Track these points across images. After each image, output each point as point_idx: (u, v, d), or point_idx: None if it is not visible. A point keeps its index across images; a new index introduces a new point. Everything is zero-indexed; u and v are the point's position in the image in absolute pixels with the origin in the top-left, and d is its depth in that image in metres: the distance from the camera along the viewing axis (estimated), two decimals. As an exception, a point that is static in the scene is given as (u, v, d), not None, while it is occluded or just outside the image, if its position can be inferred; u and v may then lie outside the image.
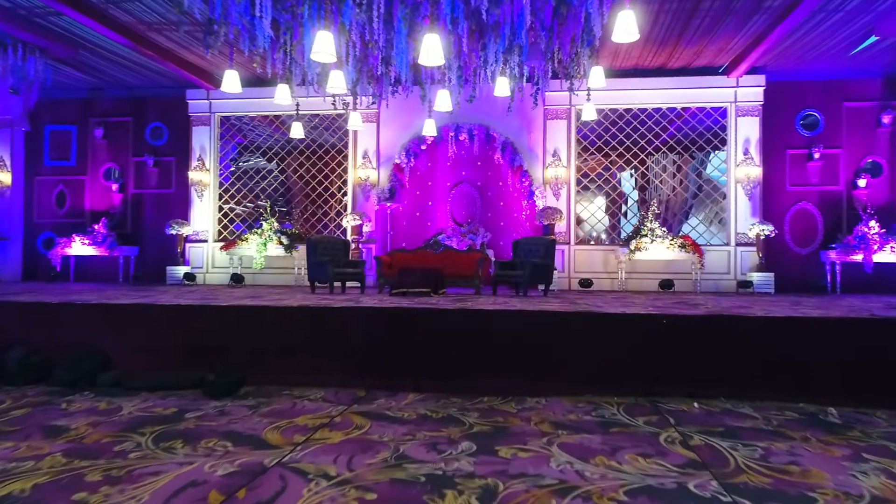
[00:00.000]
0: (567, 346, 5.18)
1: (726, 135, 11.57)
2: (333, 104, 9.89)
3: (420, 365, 5.25)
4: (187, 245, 12.51)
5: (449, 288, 8.60)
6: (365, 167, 12.15)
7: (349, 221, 11.58)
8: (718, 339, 5.14)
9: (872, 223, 10.66)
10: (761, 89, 11.33)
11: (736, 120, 11.44)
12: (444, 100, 8.34)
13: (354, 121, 9.69)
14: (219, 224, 12.74)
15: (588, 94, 9.58)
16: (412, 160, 12.13)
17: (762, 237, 10.74)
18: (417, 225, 12.30)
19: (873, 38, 9.35)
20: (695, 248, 10.65)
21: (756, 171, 11.26)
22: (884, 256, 10.50)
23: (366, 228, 11.88)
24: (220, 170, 12.84)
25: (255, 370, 5.39)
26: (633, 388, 4.96)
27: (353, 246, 11.57)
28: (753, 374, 4.99)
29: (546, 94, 11.60)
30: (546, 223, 10.77)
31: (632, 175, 13.67)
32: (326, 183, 12.70)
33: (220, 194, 12.81)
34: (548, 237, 9.51)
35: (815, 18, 9.25)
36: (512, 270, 8.66)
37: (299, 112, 10.72)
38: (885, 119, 11.24)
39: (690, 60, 11.03)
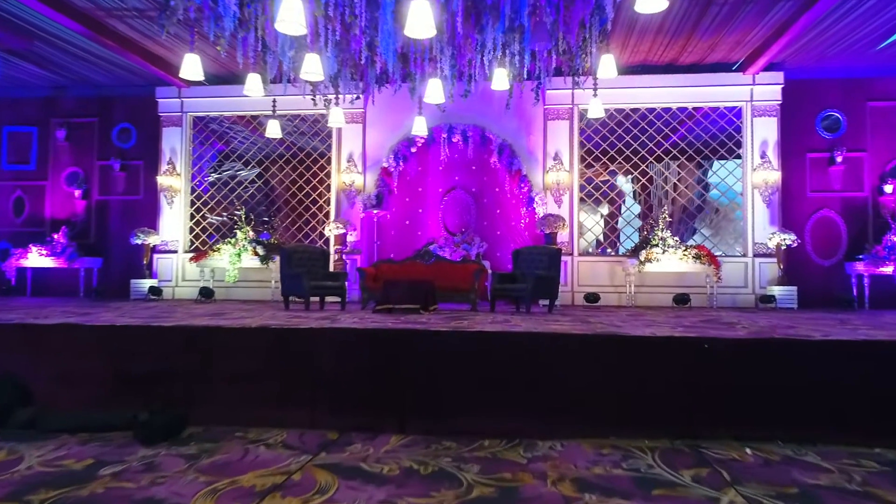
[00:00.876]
0: (586, 376, 4.19)
1: (741, 136, 10.69)
2: (313, 99, 8.93)
3: (406, 400, 4.25)
4: (155, 256, 11.46)
5: (441, 303, 7.61)
6: (350, 171, 11.17)
7: (332, 230, 10.58)
8: (773, 368, 4.16)
9: (902, 232, 9.78)
10: (779, 87, 10.47)
11: (752, 121, 10.56)
12: (435, 91, 7.38)
13: (336, 117, 8.72)
14: (190, 233, 11.70)
15: (595, 88, 8.69)
16: (401, 164, 11.16)
17: (783, 247, 9.81)
18: (406, 234, 11.32)
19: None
20: (711, 259, 9.71)
21: (774, 176, 10.37)
22: (914, 268, 9.61)
23: (350, 238, 10.88)
24: (193, 174, 11.82)
25: (203, 406, 4.38)
26: (668, 429, 3.98)
27: (335, 257, 10.56)
28: (817, 412, 4.02)
29: (547, 92, 10.73)
30: (548, 232, 9.81)
31: (638, 181, 12.70)
32: (308, 189, 11.70)
33: (191, 201, 11.78)
34: (552, 247, 8.55)
35: (844, 6, 8.40)
36: (512, 284, 7.68)
37: (276, 111, 9.75)
38: (912, 120, 10.39)
39: (704, 55, 10.16)
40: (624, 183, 12.89)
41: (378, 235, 11.13)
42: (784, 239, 9.72)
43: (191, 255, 11.10)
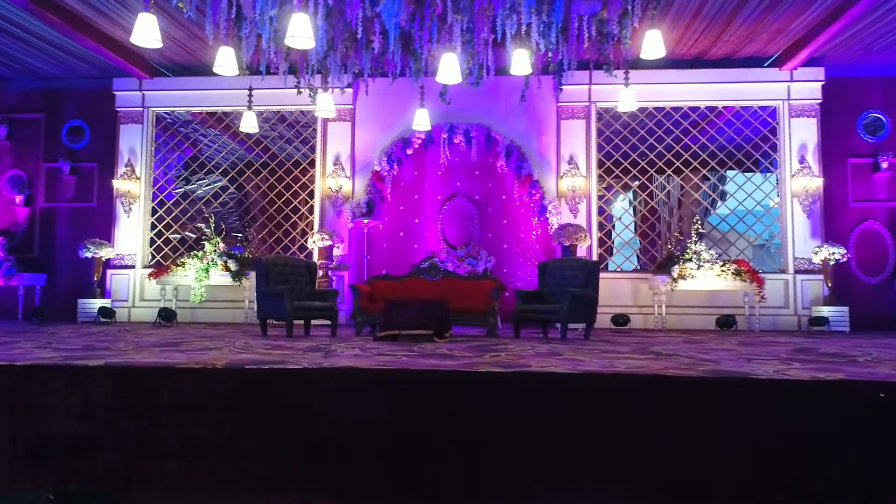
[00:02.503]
0: (711, 442, 2.85)
1: (777, 139, 9.58)
2: (297, 85, 7.57)
3: (442, 478, 2.89)
4: (108, 272, 9.88)
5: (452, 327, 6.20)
6: (336, 175, 9.78)
7: (316, 242, 9.15)
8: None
9: (960, 246, 8.71)
10: (819, 85, 9.40)
11: (789, 122, 9.46)
12: (449, 69, 6.04)
13: (324, 105, 7.34)
14: (151, 246, 10.15)
15: (626, 77, 7.47)
16: (395, 167, 9.81)
17: (831, 263, 8.66)
18: (400, 247, 9.93)
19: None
20: (753, 276, 8.50)
21: (816, 184, 9.25)
22: (978, 286, 8.52)
23: (336, 251, 9.46)
24: (155, 178, 10.31)
25: (144, 490, 2.99)
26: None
27: (320, 273, 9.11)
28: None
29: (559, 87, 9.50)
30: (567, 244, 8.51)
31: (663, 188, 11.49)
32: (288, 195, 10.26)
33: (153, 209, 10.25)
34: (587, 260, 7.24)
35: None
36: (540, 304, 6.35)
37: (253, 105, 8.34)
38: (963, 122, 9.40)
39: (738, 47, 9.06)
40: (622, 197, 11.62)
41: (368, 249, 9.73)
42: (833, 253, 8.57)
43: (150, 270, 9.54)
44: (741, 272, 8.53)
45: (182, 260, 9.20)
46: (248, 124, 8.03)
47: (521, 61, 6.75)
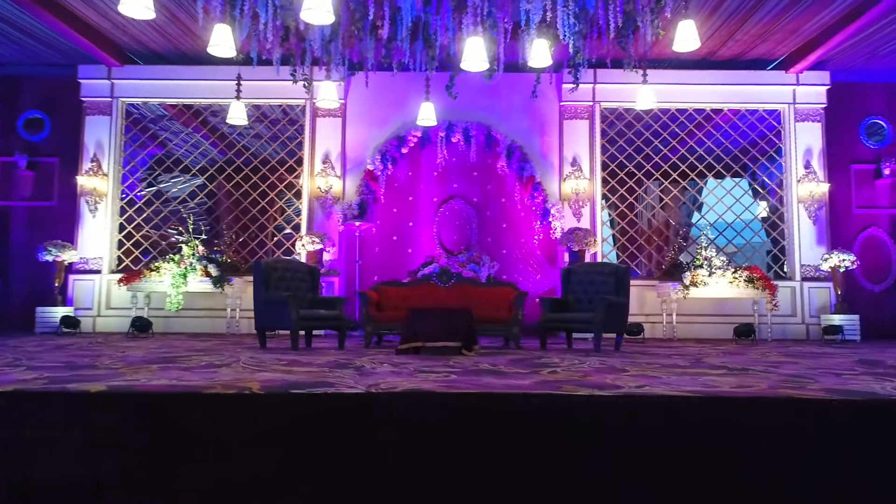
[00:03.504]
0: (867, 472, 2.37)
1: (782, 143, 9.38)
2: (293, 74, 6.92)
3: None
4: (71, 278, 8.97)
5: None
6: (326, 175, 9.13)
7: (305, 245, 8.47)
8: None
9: (965, 253, 8.63)
10: (825, 89, 9.24)
11: (794, 126, 9.27)
12: (475, 54, 5.49)
13: (327, 95, 6.70)
14: (119, 249, 9.29)
15: (644, 74, 7.11)
16: (389, 166, 9.22)
17: (841, 270, 8.46)
18: (394, 252, 9.34)
19: None
20: (766, 283, 8.22)
21: (822, 189, 9.07)
22: (983, 294, 8.44)
23: (326, 256, 8.80)
24: (125, 175, 9.46)
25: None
26: None
27: (309, 279, 8.44)
28: None
29: (563, 86, 9.12)
30: (576, 249, 8.07)
31: (668, 192, 11.12)
32: (273, 195, 9.54)
33: (122, 208, 9.39)
34: (617, 264, 6.79)
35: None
36: (565, 312, 5.86)
37: (241, 93, 7.66)
38: (962, 130, 9.38)
39: (747, 48, 8.82)
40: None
41: (360, 253, 9.09)
42: (843, 260, 8.36)
43: (119, 276, 8.68)
44: (753, 279, 8.24)
45: (156, 264, 8.38)
46: (237, 115, 7.34)
47: (539, 53, 6.26)
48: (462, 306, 6.00)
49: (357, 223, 8.91)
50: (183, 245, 8.44)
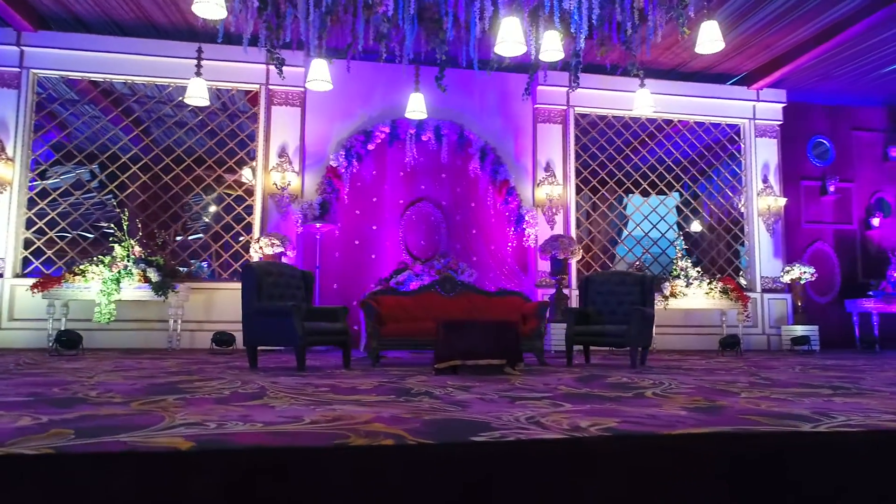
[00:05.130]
0: None
1: (742, 157, 9.58)
2: (270, 50, 6.02)
3: None
4: (-37, 282, 7.39)
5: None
6: (283, 170, 8.17)
7: (264, 248, 7.48)
8: None
9: (901, 267, 9.19)
10: (781, 107, 9.56)
11: (755, 140, 9.51)
12: (512, 35, 4.91)
13: (318, 75, 5.84)
14: (26, 248, 7.79)
15: (642, 80, 6.90)
16: (354, 163, 8.43)
17: (801, 282, 8.70)
18: (356, 257, 8.53)
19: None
20: (739, 294, 8.27)
21: (779, 203, 9.35)
22: (919, 306, 9.01)
23: (284, 262, 7.83)
24: (33, 161, 7.97)
25: None
26: None
27: (266, 286, 7.46)
28: None
29: (537, 88, 8.79)
30: (561, 257, 7.69)
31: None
32: (221, 191, 8.43)
33: (31, 199, 7.90)
34: (640, 273, 6.42)
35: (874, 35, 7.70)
36: (587, 324, 5.42)
37: (201, 70, 6.60)
38: (893, 152, 10.05)
39: (718, 61, 8.90)
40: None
41: (320, 258, 8.21)
42: (804, 272, 8.60)
43: (30, 281, 7.24)
44: (728, 290, 8.26)
45: (82, 267, 7.05)
46: (197, 94, 6.29)
47: (553, 44, 5.82)
48: (470, 318, 5.41)
49: (318, 224, 8.02)
50: (116, 245, 7.16)
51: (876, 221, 9.88)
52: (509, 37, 4.87)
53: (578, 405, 2.78)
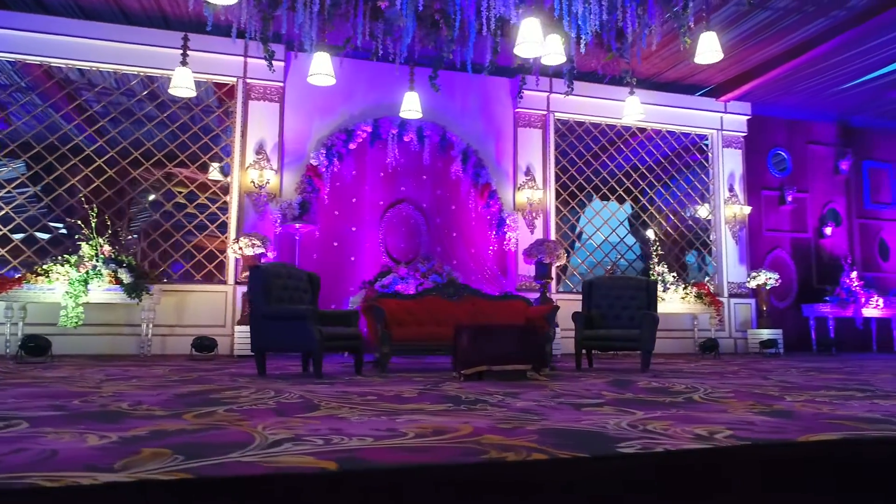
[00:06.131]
0: None
1: (710, 166, 9.92)
2: (263, 40, 5.75)
3: None
4: None
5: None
6: (260, 167, 7.84)
7: (244, 248, 7.14)
8: None
9: (854, 275, 9.74)
10: (745, 119, 9.95)
11: (722, 151, 9.85)
12: (532, 36, 4.83)
13: (320, 68, 5.60)
14: (-24, 245, 7.15)
15: (632, 86, 7.02)
16: (335, 162, 8.18)
17: (767, 287, 9.07)
18: (336, 259, 8.28)
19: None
20: (712, 299, 8.53)
21: (744, 212, 9.72)
22: (869, 311, 9.57)
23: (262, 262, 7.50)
24: (-15, 151, 7.32)
25: None
26: None
27: (244, 291, 7.17)
28: None
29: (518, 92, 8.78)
30: (547, 261, 7.71)
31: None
32: (194, 187, 7.99)
33: (-19, 193, 7.25)
34: (643, 278, 6.44)
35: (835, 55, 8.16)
36: (593, 328, 5.43)
37: (187, 60, 6.24)
38: (843, 166, 10.65)
39: (692, 72, 9.17)
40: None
41: (299, 259, 7.92)
42: (769, 278, 8.97)
43: (-17, 281, 6.62)
44: (702, 295, 8.51)
45: (45, 267, 6.52)
46: (182, 84, 5.94)
47: (555, 49, 5.82)
48: (476, 321, 5.33)
49: (297, 225, 7.75)
50: (83, 244, 6.66)
51: (828, 230, 10.43)
52: (530, 37, 4.81)
53: (649, 411, 2.73)
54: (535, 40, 4.82)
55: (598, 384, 4.01)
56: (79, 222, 6.87)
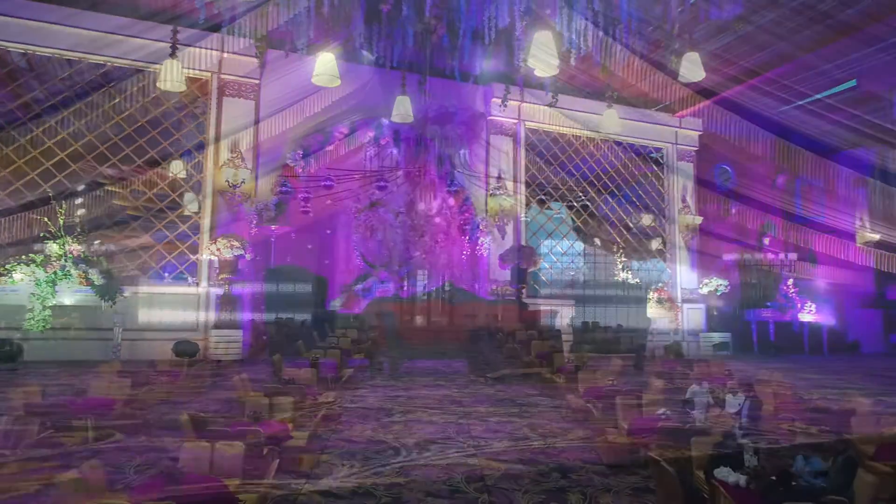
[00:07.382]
0: None
1: (665, 178, 10.45)
2: (263, 37, 5.61)
3: None
4: None
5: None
6: (235, 166, 7.59)
7: (222, 249, 6.88)
8: None
9: (790, 282, 10.54)
10: (697, 134, 10.56)
11: (676, 164, 10.40)
12: (546, 48, 4.98)
13: (325, 69, 5.50)
14: (-81, 242, 6.52)
15: (610, 102, 7.33)
16: (313, 163, 8.05)
17: (718, 293, 9.66)
18: (311, 262, 8.15)
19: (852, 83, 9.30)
20: (672, 304, 8.99)
21: (696, 222, 10.30)
22: (804, 316, 10.39)
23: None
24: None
25: None
26: None
27: (220, 293, 6.94)
28: None
29: (491, 100, 8.99)
30: (525, 268, 7.89)
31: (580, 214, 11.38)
32: (164, 185, 7.62)
33: (-73, 185, 6.64)
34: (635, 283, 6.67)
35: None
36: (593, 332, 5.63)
37: (177, 52, 5.98)
38: (780, 181, 11.47)
39: (654, 88, 9.61)
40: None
41: (274, 261, 7.73)
42: (720, 285, 9.56)
43: (-68, 281, 6.07)
44: (663, 300, 8.95)
45: (7, 267, 6.06)
46: (172, 78, 5.68)
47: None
48: (476, 325, 5.42)
49: (273, 226, 7.57)
50: (50, 242, 6.23)
51: (766, 241, 11.20)
52: (544, 47, 4.96)
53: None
54: (551, 53, 4.97)
55: (622, 385, 4.17)
56: (45, 220, 6.41)
